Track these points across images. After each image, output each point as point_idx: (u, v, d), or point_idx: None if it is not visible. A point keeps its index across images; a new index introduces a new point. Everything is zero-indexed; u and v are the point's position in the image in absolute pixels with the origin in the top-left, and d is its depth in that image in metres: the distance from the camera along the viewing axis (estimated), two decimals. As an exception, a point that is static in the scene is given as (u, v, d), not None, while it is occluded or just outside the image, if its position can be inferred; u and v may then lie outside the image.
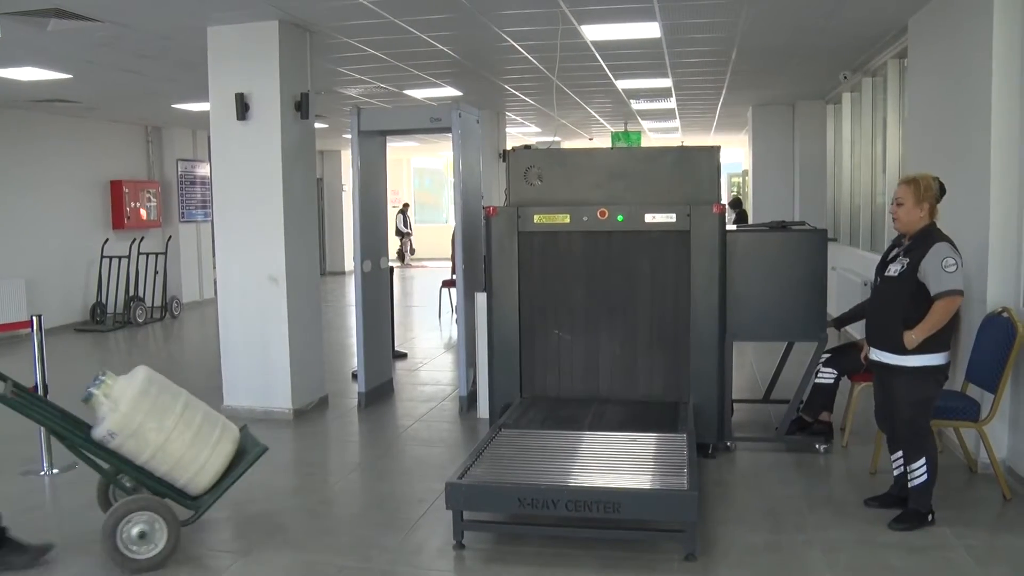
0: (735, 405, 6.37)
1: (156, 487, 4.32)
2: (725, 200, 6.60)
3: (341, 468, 5.88)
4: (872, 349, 4.66)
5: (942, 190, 4.56)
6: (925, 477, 4.48)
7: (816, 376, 5.96)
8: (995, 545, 4.36)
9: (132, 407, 4.21)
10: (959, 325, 5.64)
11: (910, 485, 4.54)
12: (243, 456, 4.48)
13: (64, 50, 7.66)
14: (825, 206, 12.58)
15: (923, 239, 4.45)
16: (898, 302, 4.47)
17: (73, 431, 4.31)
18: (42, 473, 5.71)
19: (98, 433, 4.22)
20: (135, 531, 4.13)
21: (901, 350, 4.43)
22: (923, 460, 4.48)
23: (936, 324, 4.36)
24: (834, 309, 8.28)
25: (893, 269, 4.53)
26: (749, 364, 8.81)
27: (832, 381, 5.97)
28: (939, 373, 4.52)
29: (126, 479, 4.42)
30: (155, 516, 4.16)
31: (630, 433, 5.12)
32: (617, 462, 4.67)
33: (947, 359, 4.50)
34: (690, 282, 5.68)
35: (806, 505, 4.89)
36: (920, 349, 4.39)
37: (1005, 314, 4.94)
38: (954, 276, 4.33)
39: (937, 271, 4.33)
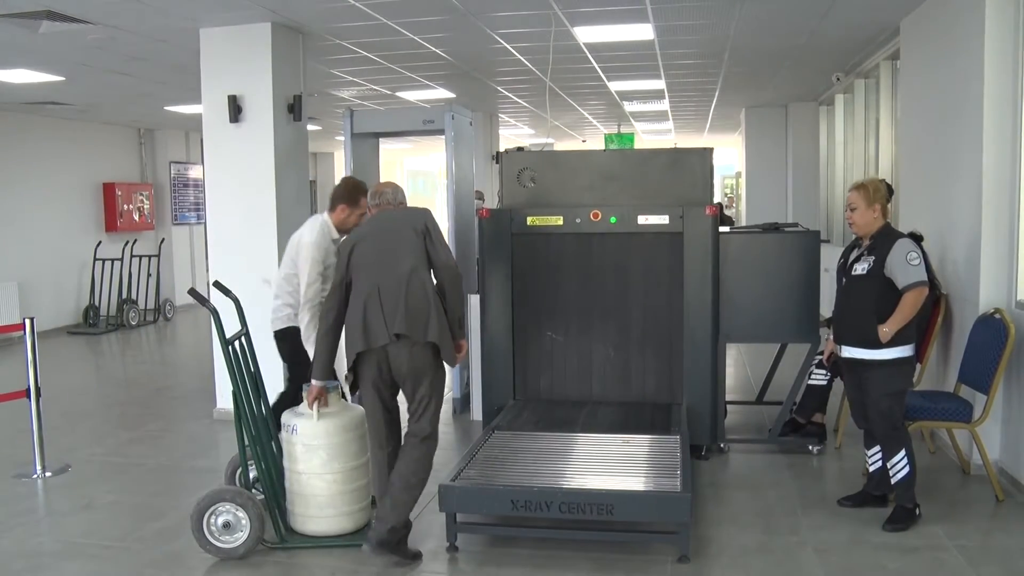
0: (728, 407, 6.37)
1: (270, 495, 4.42)
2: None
3: (334, 471, 5.86)
4: (844, 347, 4.72)
5: (890, 191, 4.77)
6: (907, 470, 4.54)
7: (809, 377, 5.97)
8: (988, 546, 4.37)
9: (325, 427, 4.39)
10: (952, 325, 5.68)
11: (894, 480, 4.59)
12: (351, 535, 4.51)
13: (56, 52, 7.64)
14: (818, 207, 12.61)
15: (884, 237, 4.61)
16: (869, 298, 4.58)
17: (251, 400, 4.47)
18: (34, 476, 5.69)
19: (287, 417, 4.49)
20: (220, 520, 4.25)
21: (876, 344, 4.53)
22: (903, 453, 4.55)
23: (908, 315, 4.49)
24: (827, 310, 8.28)
25: (860, 268, 4.65)
26: (742, 365, 8.82)
27: (825, 382, 5.99)
28: (909, 364, 4.67)
29: (251, 471, 4.57)
30: (240, 509, 4.25)
31: (623, 435, 5.12)
32: (610, 464, 4.67)
33: (913, 351, 4.64)
34: (683, 284, 5.68)
35: (799, 506, 4.90)
36: (892, 342, 4.51)
37: (997, 315, 4.96)
38: (919, 268, 4.50)
39: (903, 265, 4.48)
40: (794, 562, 4.17)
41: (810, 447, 5.87)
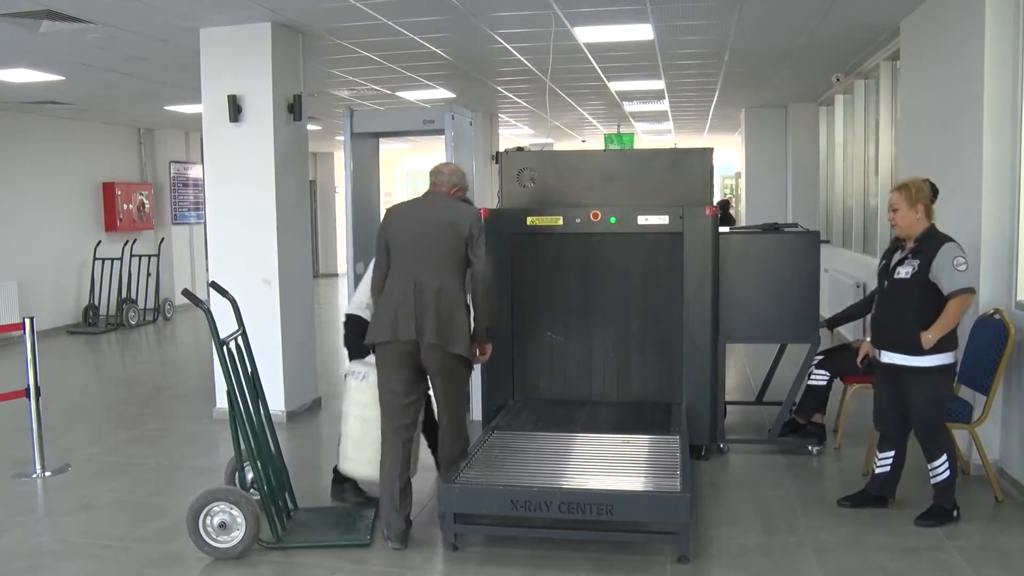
0: (728, 407, 6.38)
1: (266, 495, 4.42)
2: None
3: (334, 470, 5.87)
4: (883, 352, 4.65)
5: (934, 191, 4.61)
6: (948, 474, 4.53)
7: (809, 378, 5.97)
8: (987, 546, 4.37)
9: None
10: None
11: (933, 482, 4.58)
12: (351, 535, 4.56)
13: (56, 52, 7.64)
14: (818, 208, 12.61)
15: (929, 241, 4.50)
16: (911, 303, 4.49)
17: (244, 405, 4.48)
18: (34, 475, 5.68)
19: (357, 366, 4.78)
20: (216, 520, 4.25)
21: (917, 351, 4.46)
22: (944, 457, 4.53)
23: (951, 322, 4.41)
24: (827, 311, 8.29)
25: (903, 272, 4.54)
26: (742, 366, 8.82)
27: (825, 383, 5.98)
28: (951, 371, 4.59)
29: (248, 471, 4.58)
30: (235, 508, 4.25)
31: (623, 435, 5.11)
32: (610, 464, 4.67)
33: (955, 357, 4.56)
34: (683, 284, 5.68)
35: (799, 507, 4.90)
36: (933, 349, 4.43)
37: (997, 316, 4.95)
38: (966, 275, 4.40)
39: (950, 270, 4.38)
40: (793, 562, 4.17)
41: (809, 447, 5.87)
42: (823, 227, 11.72)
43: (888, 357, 4.62)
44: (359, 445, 4.68)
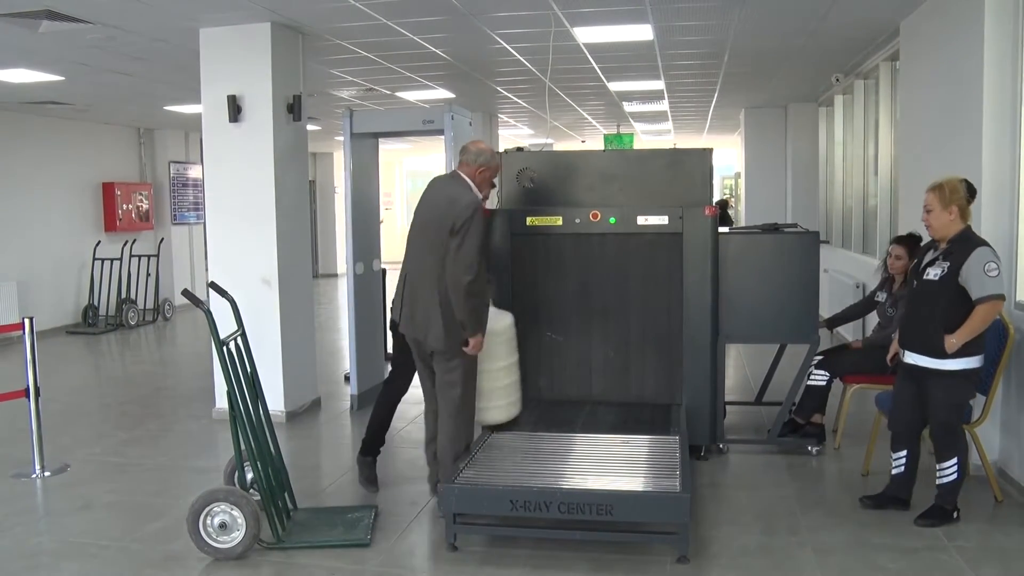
0: (727, 407, 6.37)
1: (266, 495, 4.42)
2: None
3: (334, 470, 5.87)
4: (907, 352, 4.63)
5: (971, 191, 4.54)
6: (955, 476, 4.53)
7: (808, 378, 5.97)
8: (986, 547, 4.36)
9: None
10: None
11: (939, 482, 4.58)
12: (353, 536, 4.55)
13: (55, 52, 7.64)
14: (817, 208, 12.61)
15: (962, 243, 4.45)
16: (938, 306, 4.46)
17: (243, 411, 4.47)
18: (33, 475, 5.68)
19: None
20: (216, 520, 4.26)
21: (941, 354, 4.43)
22: (955, 460, 4.52)
23: (977, 328, 4.37)
24: (826, 311, 8.30)
25: (932, 273, 4.50)
26: (742, 366, 8.82)
27: (824, 383, 5.98)
28: (975, 375, 4.56)
29: (248, 471, 4.57)
30: (236, 508, 4.25)
31: (623, 435, 5.12)
32: (610, 464, 4.67)
33: (982, 362, 4.53)
34: (683, 284, 5.68)
35: (798, 507, 4.90)
36: (959, 353, 4.41)
37: (997, 316, 4.94)
38: (997, 280, 4.34)
39: (980, 275, 4.33)
40: (793, 563, 4.17)
41: (809, 448, 5.87)
42: (822, 227, 11.72)
43: (912, 358, 4.60)
44: (486, 396, 5.04)
